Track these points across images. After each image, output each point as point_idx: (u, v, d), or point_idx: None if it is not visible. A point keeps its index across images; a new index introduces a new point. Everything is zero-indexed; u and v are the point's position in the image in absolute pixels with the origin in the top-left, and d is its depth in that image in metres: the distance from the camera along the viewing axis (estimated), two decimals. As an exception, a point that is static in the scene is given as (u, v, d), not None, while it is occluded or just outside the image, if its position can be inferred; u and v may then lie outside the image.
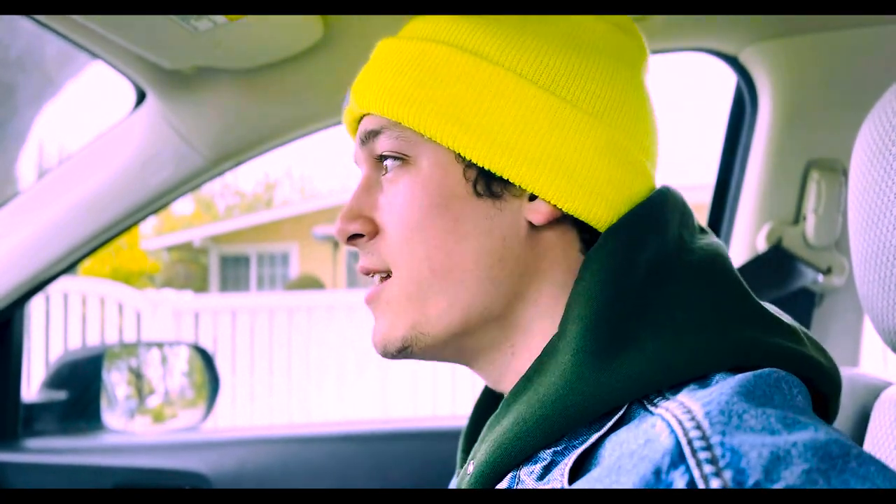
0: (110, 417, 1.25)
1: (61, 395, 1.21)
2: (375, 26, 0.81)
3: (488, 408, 0.61)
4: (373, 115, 0.53)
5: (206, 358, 1.32)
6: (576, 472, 0.42)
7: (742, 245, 1.06)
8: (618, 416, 0.42)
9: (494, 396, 0.62)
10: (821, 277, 1.01)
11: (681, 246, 0.49)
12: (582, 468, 0.42)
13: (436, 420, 1.31)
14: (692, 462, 0.34)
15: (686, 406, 0.38)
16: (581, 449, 0.42)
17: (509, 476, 0.45)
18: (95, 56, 0.83)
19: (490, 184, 0.50)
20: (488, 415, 0.60)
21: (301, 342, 5.61)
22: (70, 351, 1.29)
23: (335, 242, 11.11)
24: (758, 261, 1.02)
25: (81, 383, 1.22)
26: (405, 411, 5.33)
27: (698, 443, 0.35)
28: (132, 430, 1.34)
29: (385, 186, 0.53)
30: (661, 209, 0.50)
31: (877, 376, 0.67)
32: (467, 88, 0.49)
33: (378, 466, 1.14)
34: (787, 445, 0.33)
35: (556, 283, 0.51)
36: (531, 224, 0.51)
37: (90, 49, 0.81)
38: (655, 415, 0.39)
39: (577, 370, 0.43)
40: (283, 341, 5.61)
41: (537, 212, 0.50)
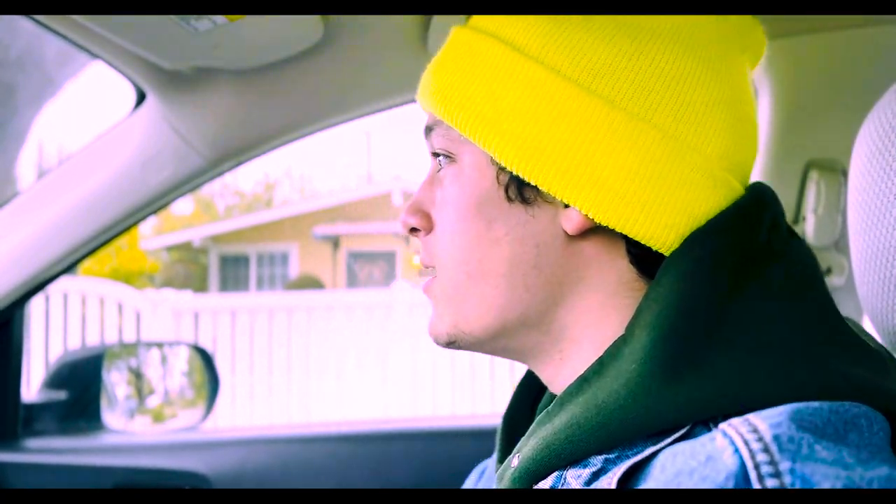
0: (110, 417, 1.25)
1: (61, 395, 1.21)
2: (375, 26, 0.81)
3: (530, 391, 0.60)
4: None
5: (206, 358, 1.32)
6: (625, 482, 0.40)
7: (742, 245, 1.06)
8: (679, 434, 0.40)
9: (538, 381, 0.58)
10: (820, 277, 1.01)
11: (769, 252, 0.45)
12: (632, 478, 0.40)
13: (436, 420, 1.31)
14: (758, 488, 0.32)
15: (752, 424, 0.35)
16: (634, 460, 0.40)
17: (554, 475, 0.44)
18: (95, 56, 0.83)
19: (522, 189, 0.48)
20: (529, 399, 0.60)
21: (301, 342, 5.62)
22: (70, 351, 1.29)
23: (335, 242, 11.13)
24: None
25: (81, 383, 1.22)
26: (405, 411, 5.34)
27: (766, 468, 0.32)
28: (132, 430, 1.34)
29: (442, 183, 0.52)
30: (754, 211, 0.46)
31: None
32: (502, 86, 0.47)
33: (378, 466, 1.14)
34: (863, 482, 0.31)
35: (604, 292, 0.48)
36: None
37: (90, 49, 0.81)
38: (717, 428, 0.36)
39: (644, 382, 0.40)
40: (283, 341, 5.61)
41: (570, 220, 0.47)
